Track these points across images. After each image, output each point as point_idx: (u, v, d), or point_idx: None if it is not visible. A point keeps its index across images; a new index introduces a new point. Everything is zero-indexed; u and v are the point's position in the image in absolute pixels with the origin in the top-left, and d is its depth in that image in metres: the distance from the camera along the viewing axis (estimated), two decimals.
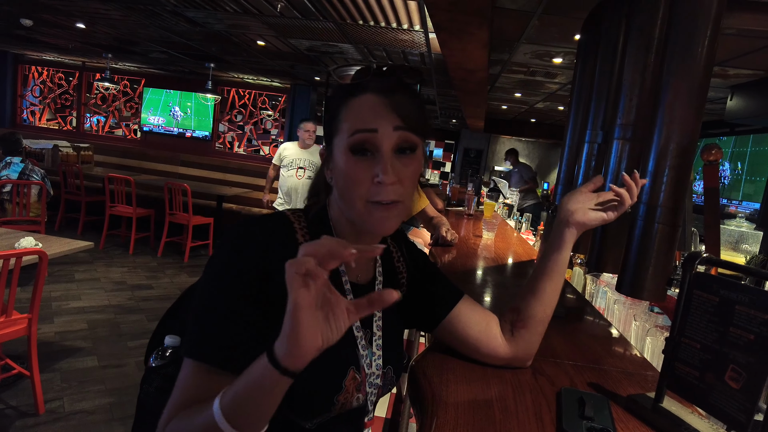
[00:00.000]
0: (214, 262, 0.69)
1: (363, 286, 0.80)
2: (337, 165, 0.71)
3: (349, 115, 0.70)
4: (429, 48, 4.01)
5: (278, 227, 0.73)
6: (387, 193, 0.68)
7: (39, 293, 2.33)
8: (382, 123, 0.68)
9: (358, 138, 0.68)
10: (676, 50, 1.15)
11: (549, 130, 9.19)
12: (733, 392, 0.61)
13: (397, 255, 0.89)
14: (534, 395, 0.78)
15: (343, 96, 0.72)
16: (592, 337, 1.18)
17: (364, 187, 0.68)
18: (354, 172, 0.68)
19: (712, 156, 1.13)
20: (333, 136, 0.73)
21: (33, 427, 2.30)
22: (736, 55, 2.98)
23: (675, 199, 1.11)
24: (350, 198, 0.70)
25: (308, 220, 0.76)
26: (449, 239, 2.06)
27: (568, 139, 1.98)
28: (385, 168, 0.67)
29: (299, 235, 0.73)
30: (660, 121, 1.14)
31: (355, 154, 0.68)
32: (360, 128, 0.68)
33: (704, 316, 0.68)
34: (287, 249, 0.69)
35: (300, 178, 4.37)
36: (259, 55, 5.37)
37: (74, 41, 5.97)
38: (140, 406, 0.81)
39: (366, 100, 0.70)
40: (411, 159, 0.71)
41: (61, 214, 6.13)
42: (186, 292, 0.88)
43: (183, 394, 0.65)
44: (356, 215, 0.70)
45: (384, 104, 0.69)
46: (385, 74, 0.73)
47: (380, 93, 0.70)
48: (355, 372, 0.74)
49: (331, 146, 0.74)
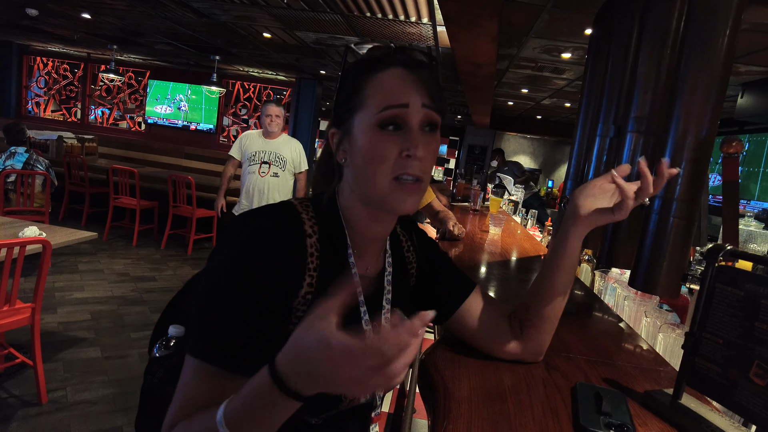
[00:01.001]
0: (220, 258, 0.66)
1: (372, 278, 0.78)
2: (358, 142, 0.68)
3: (376, 89, 0.67)
4: (436, 41, 3.98)
5: (285, 219, 0.70)
6: (414, 167, 0.66)
7: (42, 283, 2.32)
8: (413, 98, 0.66)
9: (388, 114, 0.66)
10: (696, 44, 1.13)
11: (555, 127, 9.14)
12: (758, 389, 0.59)
13: (407, 244, 0.87)
14: (548, 390, 0.76)
15: (366, 70, 0.69)
16: (603, 332, 1.16)
17: (389, 162, 0.66)
18: (381, 147, 0.66)
19: (732, 149, 1.10)
20: (354, 112, 0.69)
21: (36, 417, 2.30)
22: (748, 52, 2.94)
23: (692, 193, 1.08)
24: (373, 175, 0.67)
25: (316, 209, 0.73)
26: (456, 233, 2.04)
27: (578, 134, 1.95)
28: (416, 142, 0.65)
29: (307, 227, 0.70)
30: (677, 114, 1.11)
31: (382, 129, 0.66)
32: (392, 103, 0.66)
33: (727, 310, 0.66)
34: (295, 242, 0.68)
35: (264, 175, 3.66)
36: (264, 48, 5.35)
37: (79, 32, 5.95)
38: (144, 396, 0.79)
39: (394, 75, 0.68)
40: (433, 137, 0.69)
41: (65, 205, 6.14)
42: (189, 282, 0.86)
43: (187, 395, 0.62)
44: (377, 194, 0.68)
45: (413, 79, 0.67)
46: (407, 50, 0.70)
47: (408, 68, 0.68)
48: None
49: (348, 124, 0.70)
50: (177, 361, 0.77)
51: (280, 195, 3.73)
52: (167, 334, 0.80)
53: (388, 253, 0.81)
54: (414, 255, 0.87)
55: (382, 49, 0.71)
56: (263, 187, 3.68)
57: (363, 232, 0.74)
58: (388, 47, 0.71)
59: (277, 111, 3.66)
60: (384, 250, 0.81)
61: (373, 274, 0.78)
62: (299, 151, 3.88)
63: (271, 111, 3.64)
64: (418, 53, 0.71)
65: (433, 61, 0.72)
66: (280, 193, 3.73)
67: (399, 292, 0.81)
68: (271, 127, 3.65)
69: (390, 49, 0.70)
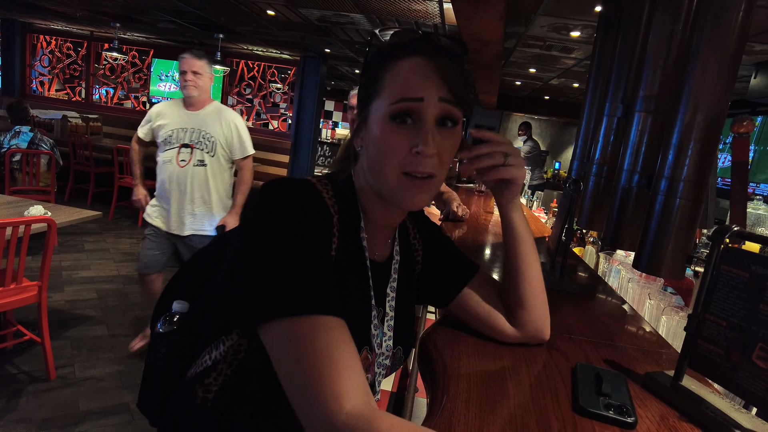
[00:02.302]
0: (271, 221, 0.60)
1: (381, 263, 0.77)
2: (371, 131, 0.66)
3: (394, 79, 0.65)
4: (443, 19, 3.90)
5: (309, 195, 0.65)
6: (424, 165, 0.63)
7: (48, 261, 2.34)
8: (429, 91, 0.63)
9: (401, 106, 0.63)
10: (709, 17, 1.09)
11: (563, 108, 9.01)
12: (760, 372, 0.59)
13: (414, 231, 0.86)
14: (548, 370, 0.76)
15: (387, 57, 0.67)
16: (606, 314, 1.15)
17: (399, 156, 0.64)
18: (392, 139, 0.64)
19: (743, 128, 1.08)
20: (372, 99, 0.67)
21: (45, 392, 2.34)
22: (764, 30, 2.86)
23: (699, 173, 1.06)
24: (382, 168, 0.65)
25: (335, 188, 0.71)
26: (460, 214, 2.03)
27: (586, 113, 1.92)
28: (426, 139, 0.63)
29: (329, 205, 0.67)
30: (687, 92, 1.08)
31: (394, 120, 0.64)
32: (405, 96, 0.63)
33: (732, 292, 0.64)
34: (327, 215, 0.65)
35: (184, 164, 2.52)
36: (268, 26, 5.27)
37: (82, 9, 5.89)
38: (148, 371, 0.79)
39: (413, 64, 0.64)
40: (451, 132, 0.66)
41: (70, 185, 6.16)
42: (192, 259, 0.85)
43: (337, 359, 0.51)
44: (386, 187, 0.66)
45: (431, 70, 0.64)
46: (432, 37, 0.67)
47: (428, 57, 0.64)
48: (368, 352, 0.72)
49: (366, 111, 0.68)
50: (181, 337, 0.77)
51: (212, 193, 2.63)
52: (171, 309, 0.80)
53: (396, 240, 0.80)
54: (420, 242, 0.86)
55: (404, 34, 0.67)
56: (184, 182, 2.54)
57: (375, 218, 0.74)
58: (413, 32, 0.67)
59: (197, 65, 2.46)
60: (393, 238, 0.80)
61: (381, 260, 0.77)
62: (237, 126, 2.61)
63: (188, 65, 2.44)
64: (445, 40, 0.67)
65: (461, 50, 0.68)
66: (210, 191, 2.62)
67: (404, 280, 0.80)
68: (189, 90, 2.48)
69: (412, 36, 0.66)
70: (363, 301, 0.72)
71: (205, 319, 0.73)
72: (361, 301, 0.71)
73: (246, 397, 0.68)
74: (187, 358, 0.73)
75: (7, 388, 2.34)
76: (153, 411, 0.78)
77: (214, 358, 0.69)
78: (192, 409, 0.69)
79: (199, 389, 0.69)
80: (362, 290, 0.72)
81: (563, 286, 1.23)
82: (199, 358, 0.72)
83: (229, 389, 0.68)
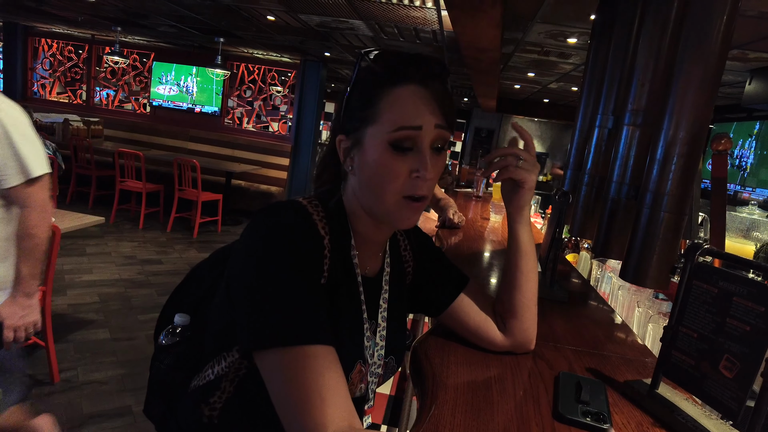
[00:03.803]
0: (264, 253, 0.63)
1: (372, 278, 0.80)
2: (368, 157, 0.68)
3: (392, 106, 0.67)
4: (441, 25, 3.95)
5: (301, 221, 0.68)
6: (422, 188, 0.68)
7: (53, 266, 2.38)
8: (427, 119, 0.67)
9: (402, 135, 0.66)
10: (691, 33, 1.13)
11: (562, 110, 9.06)
12: (726, 381, 0.63)
13: (404, 243, 0.89)
14: (532, 378, 0.80)
15: (381, 82, 0.68)
16: (594, 322, 1.19)
17: (399, 181, 0.67)
18: (392, 166, 0.66)
19: (722, 146, 1.12)
20: (367, 124, 0.68)
21: (49, 395, 2.38)
22: (757, 38, 2.90)
23: (683, 187, 1.10)
24: (381, 191, 0.68)
25: (324, 209, 0.72)
26: (456, 221, 2.07)
27: (579, 123, 1.96)
28: (426, 164, 0.66)
29: (320, 228, 0.70)
30: (671, 108, 1.13)
31: (394, 147, 0.66)
32: (405, 125, 0.66)
33: (703, 306, 0.69)
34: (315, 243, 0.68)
35: None
36: (268, 30, 5.32)
37: (84, 14, 5.94)
38: (152, 382, 0.83)
39: (409, 92, 0.67)
40: (442, 156, 0.70)
41: (72, 188, 6.21)
42: (193, 271, 0.88)
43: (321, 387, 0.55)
44: (384, 209, 0.69)
45: (427, 97, 0.67)
46: (422, 62, 0.69)
47: (422, 84, 0.67)
48: (361, 365, 0.74)
49: (359, 134, 0.69)
50: (184, 349, 0.80)
51: None
52: (173, 322, 0.84)
53: (387, 253, 0.83)
54: (410, 254, 0.89)
55: (396, 59, 0.69)
56: None
57: (365, 236, 0.76)
58: (403, 57, 0.69)
59: None
60: (383, 251, 0.83)
61: (372, 274, 0.80)
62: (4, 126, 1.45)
63: None
64: (433, 65, 0.69)
65: (447, 72, 0.71)
66: None
67: (396, 292, 0.83)
68: None
69: (404, 61, 0.68)
70: (355, 317, 0.75)
71: (206, 333, 0.76)
72: (353, 316, 0.74)
73: (250, 413, 0.71)
74: (190, 369, 0.77)
75: None
76: (158, 418, 0.82)
77: (216, 372, 0.72)
78: (200, 427, 0.72)
79: (205, 408, 0.72)
80: (354, 306, 0.75)
81: (553, 295, 1.27)
82: (201, 370, 0.75)
83: (233, 406, 0.71)
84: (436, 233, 2.02)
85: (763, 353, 0.59)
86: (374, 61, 0.70)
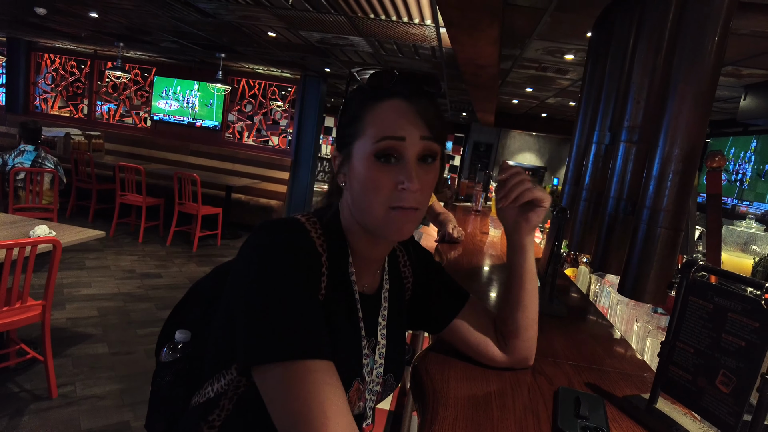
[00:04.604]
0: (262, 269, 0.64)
1: (370, 295, 0.80)
2: (356, 170, 0.70)
3: (375, 119, 0.69)
4: (440, 42, 4.00)
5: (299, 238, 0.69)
6: (409, 200, 0.68)
7: (53, 281, 2.38)
8: (410, 131, 0.68)
9: (385, 144, 0.67)
10: (684, 54, 1.16)
11: (560, 125, 9.14)
12: (723, 396, 0.64)
13: (404, 259, 0.89)
14: (532, 394, 0.81)
15: (367, 99, 0.71)
16: (592, 337, 1.20)
17: (385, 192, 0.68)
18: (377, 177, 0.68)
19: (716, 163, 1.14)
20: (354, 138, 0.70)
21: (46, 411, 2.37)
22: (749, 56, 2.95)
23: (678, 203, 1.12)
24: (369, 204, 0.69)
25: (323, 226, 0.73)
26: (456, 236, 2.08)
27: (576, 139, 1.98)
28: (410, 176, 0.67)
29: (318, 245, 0.70)
30: (666, 126, 1.15)
31: (378, 159, 0.68)
32: (388, 135, 0.67)
33: (699, 321, 0.70)
34: (314, 261, 0.68)
35: None
36: (269, 47, 5.39)
37: (87, 30, 6.01)
38: (153, 399, 0.82)
39: (393, 106, 0.69)
40: (432, 167, 0.71)
41: (72, 202, 6.22)
42: (193, 288, 0.87)
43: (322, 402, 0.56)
44: (373, 221, 0.70)
45: (411, 111, 0.68)
46: (409, 79, 0.71)
47: (406, 99, 0.69)
48: (359, 383, 0.75)
49: (348, 149, 0.71)
50: (185, 365, 0.80)
51: None
52: (174, 338, 0.84)
53: (386, 270, 0.83)
54: (410, 270, 0.89)
55: (382, 76, 0.71)
56: None
57: (363, 253, 0.77)
58: (390, 74, 0.70)
59: None
60: (382, 267, 0.83)
61: (371, 291, 0.80)
62: None
63: None
64: (421, 81, 0.71)
65: (435, 89, 0.72)
66: None
67: (395, 308, 0.83)
68: None
69: (390, 78, 0.70)
70: (353, 335, 0.75)
71: (207, 350, 0.76)
72: (351, 334, 0.74)
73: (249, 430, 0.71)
74: (190, 385, 0.77)
75: (9, 406, 2.37)
76: None
77: (216, 390, 0.72)
78: None
79: (204, 426, 0.72)
80: (352, 324, 0.75)
81: (552, 310, 1.28)
82: (202, 387, 0.75)
83: (232, 424, 0.71)
84: (436, 248, 2.03)
85: (758, 368, 0.60)
86: (363, 80, 0.72)
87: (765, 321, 0.60)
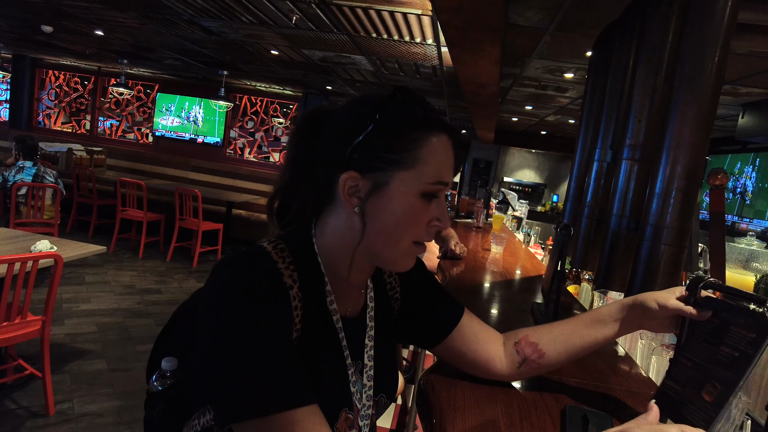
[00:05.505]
0: (228, 317, 0.59)
1: (354, 318, 0.77)
2: (394, 202, 0.66)
3: (431, 157, 0.67)
4: (441, 61, 4.06)
5: (263, 275, 0.64)
6: (431, 235, 0.70)
7: (53, 296, 2.37)
8: (451, 175, 0.71)
9: (438, 188, 0.68)
10: (685, 74, 1.18)
11: (560, 142, 9.21)
12: (704, 404, 0.63)
13: (388, 271, 0.86)
14: (539, 412, 0.80)
15: (422, 127, 0.67)
16: (597, 354, 1.19)
17: (419, 228, 0.69)
18: (419, 213, 0.68)
19: (718, 180, 1.15)
20: (396, 168, 0.66)
21: (43, 428, 2.34)
22: (747, 75, 2.99)
23: (682, 221, 1.13)
24: (400, 238, 0.68)
25: (292, 253, 0.68)
26: (458, 252, 2.08)
27: (578, 156, 2.00)
28: (445, 215, 0.70)
29: (286, 277, 0.65)
30: (668, 145, 1.16)
31: (425, 198, 0.68)
32: (442, 180, 0.68)
33: (702, 336, 0.70)
34: (280, 297, 0.63)
35: None
36: (272, 64, 5.45)
37: (91, 47, 6.09)
38: (147, 425, 0.78)
39: (445, 146, 0.69)
40: None
41: (73, 217, 6.23)
42: (176, 312, 0.81)
43: None
44: (394, 254, 0.70)
45: (454, 156, 0.71)
46: (452, 128, 0.72)
47: (452, 138, 0.70)
48: (348, 413, 0.71)
49: (384, 177, 0.66)
50: (175, 393, 0.75)
51: None
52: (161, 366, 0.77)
53: (370, 288, 0.80)
54: (396, 279, 0.86)
55: (427, 105, 0.70)
56: None
57: (344, 277, 0.73)
58: (430, 105, 0.70)
59: None
60: (366, 286, 0.80)
61: (354, 314, 0.77)
62: None
63: None
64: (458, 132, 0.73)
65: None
66: None
67: (381, 326, 0.80)
68: None
69: (433, 109, 0.70)
70: (337, 364, 0.71)
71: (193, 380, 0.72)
72: (335, 364, 0.71)
73: None
74: (181, 412, 0.73)
75: (5, 424, 2.33)
76: None
77: (202, 425, 0.68)
78: None
79: None
80: (335, 353, 0.72)
81: None
82: (190, 419, 0.71)
83: None
84: (439, 264, 2.03)
85: (742, 376, 0.60)
86: (412, 102, 0.68)
87: (761, 332, 0.60)
